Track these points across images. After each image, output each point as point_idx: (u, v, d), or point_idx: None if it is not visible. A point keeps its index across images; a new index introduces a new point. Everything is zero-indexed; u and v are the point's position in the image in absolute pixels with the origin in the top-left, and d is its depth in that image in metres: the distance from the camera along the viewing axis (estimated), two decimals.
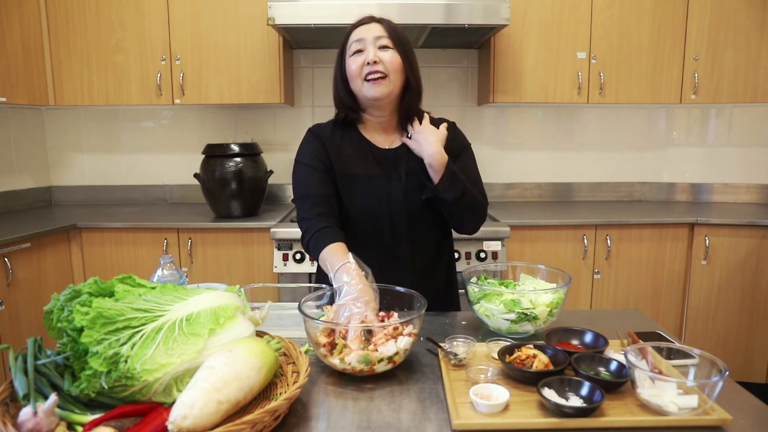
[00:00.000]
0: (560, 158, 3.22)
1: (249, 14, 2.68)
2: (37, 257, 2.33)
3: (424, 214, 1.40)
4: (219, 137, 3.10)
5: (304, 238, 1.30)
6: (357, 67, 1.30)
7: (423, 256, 1.42)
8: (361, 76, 1.30)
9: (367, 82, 1.30)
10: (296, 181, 1.39)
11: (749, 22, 2.72)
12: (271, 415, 0.77)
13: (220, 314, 0.91)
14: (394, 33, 1.32)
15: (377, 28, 1.32)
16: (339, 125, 1.43)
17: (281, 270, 2.36)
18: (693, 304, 2.64)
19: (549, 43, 2.74)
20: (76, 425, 0.77)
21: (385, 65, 1.29)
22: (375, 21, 1.34)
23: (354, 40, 1.32)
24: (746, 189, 3.16)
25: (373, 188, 1.36)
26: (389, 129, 1.42)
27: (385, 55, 1.30)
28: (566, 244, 2.60)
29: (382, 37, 1.30)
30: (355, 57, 1.31)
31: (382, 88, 1.30)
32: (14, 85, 2.55)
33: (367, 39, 1.30)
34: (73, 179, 3.19)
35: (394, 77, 1.31)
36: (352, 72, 1.32)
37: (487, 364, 0.99)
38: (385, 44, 1.30)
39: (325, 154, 1.38)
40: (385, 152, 1.40)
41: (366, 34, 1.31)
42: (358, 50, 1.31)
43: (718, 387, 0.83)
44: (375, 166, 1.38)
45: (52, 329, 0.85)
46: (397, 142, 1.42)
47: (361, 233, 1.37)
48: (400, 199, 1.37)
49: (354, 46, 1.32)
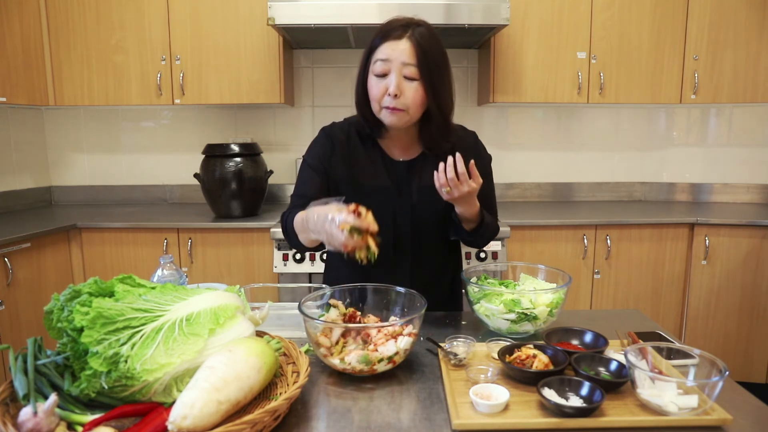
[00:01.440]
0: (560, 158, 3.22)
1: (249, 14, 2.68)
2: (37, 257, 2.33)
3: (430, 232, 1.37)
4: (219, 137, 3.10)
5: (282, 225, 1.31)
6: (378, 93, 1.22)
7: (425, 272, 1.39)
8: (380, 102, 1.23)
9: (386, 110, 1.23)
10: (298, 177, 1.39)
11: (749, 22, 2.72)
12: (271, 415, 0.77)
13: (220, 314, 0.91)
14: (424, 58, 1.19)
15: (407, 50, 1.19)
16: (356, 130, 1.37)
17: (281, 270, 2.36)
18: (693, 304, 2.64)
19: (549, 43, 2.74)
20: (76, 425, 0.77)
21: (405, 100, 1.21)
22: (407, 36, 1.20)
23: (380, 58, 1.21)
24: (746, 189, 3.16)
25: (380, 201, 1.30)
26: (407, 141, 1.36)
27: (408, 89, 1.21)
28: (566, 244, 2.60)
29: (409, 65, 1.19)
30: (378, 80, 1.22)
31: (399, 120, 1.24)
32: (14, 85, 2.55)
33: (394, 63, 1.20)
34: (73, 179, 3.20)
35: (413, 111, 1.24)
36: (372, 94, 1.24)
37: (487, 364, 0.99)
38: (411, 75, 1.20)
39: (329, 158, 1.34)
40: (399, 164, 1.35)
41: (394, 55, 1.19)
42: (383, 73, 1.21)
43: (718, 387, 0.83)
44: (386, 179, 1.34)
45: (52, 329, 0.85)
46: (413, 153, 1.36)
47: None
48: (407, 214, 1.33)
49: (378, 66, 1.21)
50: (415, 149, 1.37)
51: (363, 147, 1.36)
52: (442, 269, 1.45)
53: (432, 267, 1.42)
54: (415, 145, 1.37)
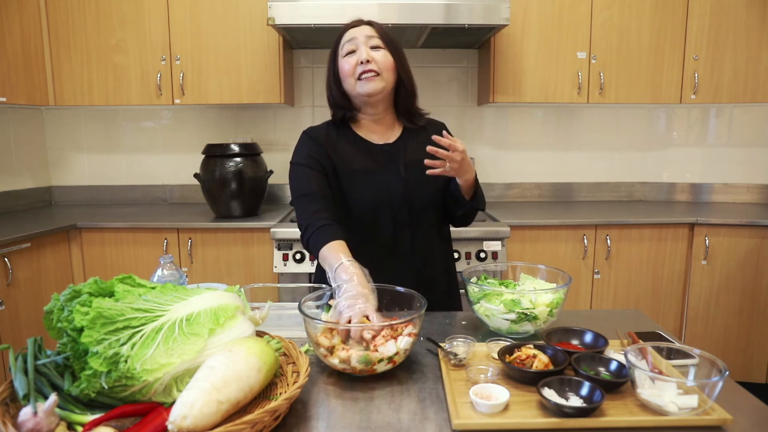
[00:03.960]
0: (560, 158, 3.22)
1: (249, 14, 2.68)
2: (37, 257, 2.33)
3: (425, 205, 1.43)
4: (219, 137, 3.10)
5: (304, 237, 1.31)
6: (350, 67, 1.35)
7: (424, 244, 1.45)
8: (354, 75, 1.34)
9: (360, 81, 1.34)
10: (293, 182, 1.40)
11: (749, 22, 2.72)
12: (271, 415, 0.77)
13: (220, 314, 0.91)
14: (385, 34, 1.38)
15: (368, 30, 1.37)
16: (333, 126, 1.45)
17: (281, 270, 2.36)
18: (693, 304, 2.64)
19: (549, 43, 2.74)
20: (76, 425, 0.77)
21: (377, 64, 1.34)
22: (365, 23, 1.39)
23: (346, 41, 1.37)
24: (746, 189, 3.16)
25: (373, 182, 1.39)
26: (384, 125, 1.45)
27: (377, 55, 1.35)
28: (566, 244, 2.60)
29: (373, 37, 1.36)
30: (348, 57, 1.35)
31: (375, 84, 1.34)
32: (14, 85, 2.55)
33: (359, 39, 1.35)
34: (73, 179, 3.19)
35: (386, 75, 1.35)
36: (345, 72, 1.36)
37: (487, 364, 0.99)
38: (376, 44, 1.36)
39: (323, 154, 1.39)
40: (381, 147, 1.43)
41: (357, 34, 1.36)
42: (351, 51, 1.35)
43: (718, 387, 0.83)
44: (373, 162, 1.41)
45: (52, 329, 0.85)
46: (393, 137, 1.45)
47: (363, 227, 1.39)
48: (401, 191, 1.39)
49: (346, 47, 1.36)
50: (393, 133, 1.46)
51: (345, 139, 1.43)
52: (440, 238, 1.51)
53: (431, 238, 1.47)
54: (393, 129, 1.46)
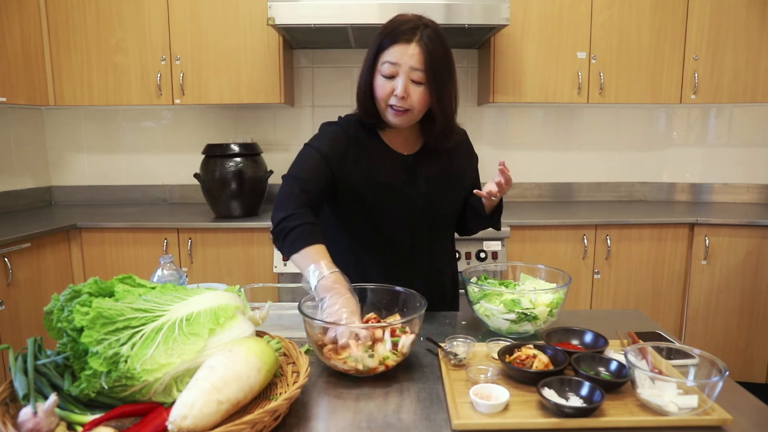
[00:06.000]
0: (560, 158, 3.22)
1: (249, 14, 2.68)
2: (37, 257, 2.33)
3: (444, 220, 1.42)
4: (219, 137, 3.10)
5: (283, 222, 1.21)
6: (384, 94, 1.25)
7: (438, 254, 1.44)
8: (386, 101, 1.26)
9: (391, 109, 1.26)
10: (299, 160, 1.31)
11: (749, 22, 2.72)
12: (271, 415, 0.77)
13: (220, 314, 0.91)
14: (431, 64, 1.22)
15: (416, 55, 1.21)
16: (362, 127, 1.37)
17: (281, 270, 2.36)
18: (693, 304, 2.64)
19: (549, 43, 2.74)
20: (76, 425, 0.77)
21: (411, 102, 1.24)
22: (416, 40, 1.21)
23: (389, 60, 1.22)
24: (746, 189, 3.16)
25: (397, 195, 1.34)
26: (410, 136, 1.39)
27: (415, 92, 1.24)
28: (566, 244, 2.60)
29: (417, 70, 1.22)
30: (385, 81, 1.24)
31: (403, 119, 1.28)
32: (14, 85, 2.55)
33: (402, 67, 1.22)
34: (73, 179, 3.19)
35: (417, 113, 1.28)
36: (378, 93, 1.27)
37: (487, 364, 0.99)
38: (418, 79, 1.23)
39: (343, 154, 1.32)
40: (405, 158, 1.37)
41: (403, 59, 1.21)
42: (391, 75, 1.23)
43: (718, 387, 0.83)
44: (396, 175, 1.35)
45: (52, 329, 0.85)
46: (417, 146, 1.39)
47: (381, 239, 1.36)
48: (422, 205, 1.36)
49: (387, 68, 1.23)
50: (416, 143, 1.40)
51: (370, 144, 1.36)
52: (451, 252, 1.52)
53: (444, 254, 1.47)
54: (416, 139, 1.40)
